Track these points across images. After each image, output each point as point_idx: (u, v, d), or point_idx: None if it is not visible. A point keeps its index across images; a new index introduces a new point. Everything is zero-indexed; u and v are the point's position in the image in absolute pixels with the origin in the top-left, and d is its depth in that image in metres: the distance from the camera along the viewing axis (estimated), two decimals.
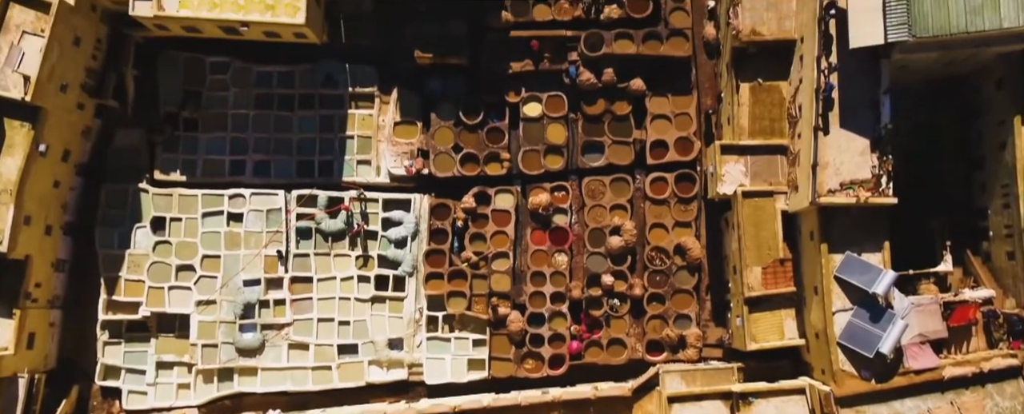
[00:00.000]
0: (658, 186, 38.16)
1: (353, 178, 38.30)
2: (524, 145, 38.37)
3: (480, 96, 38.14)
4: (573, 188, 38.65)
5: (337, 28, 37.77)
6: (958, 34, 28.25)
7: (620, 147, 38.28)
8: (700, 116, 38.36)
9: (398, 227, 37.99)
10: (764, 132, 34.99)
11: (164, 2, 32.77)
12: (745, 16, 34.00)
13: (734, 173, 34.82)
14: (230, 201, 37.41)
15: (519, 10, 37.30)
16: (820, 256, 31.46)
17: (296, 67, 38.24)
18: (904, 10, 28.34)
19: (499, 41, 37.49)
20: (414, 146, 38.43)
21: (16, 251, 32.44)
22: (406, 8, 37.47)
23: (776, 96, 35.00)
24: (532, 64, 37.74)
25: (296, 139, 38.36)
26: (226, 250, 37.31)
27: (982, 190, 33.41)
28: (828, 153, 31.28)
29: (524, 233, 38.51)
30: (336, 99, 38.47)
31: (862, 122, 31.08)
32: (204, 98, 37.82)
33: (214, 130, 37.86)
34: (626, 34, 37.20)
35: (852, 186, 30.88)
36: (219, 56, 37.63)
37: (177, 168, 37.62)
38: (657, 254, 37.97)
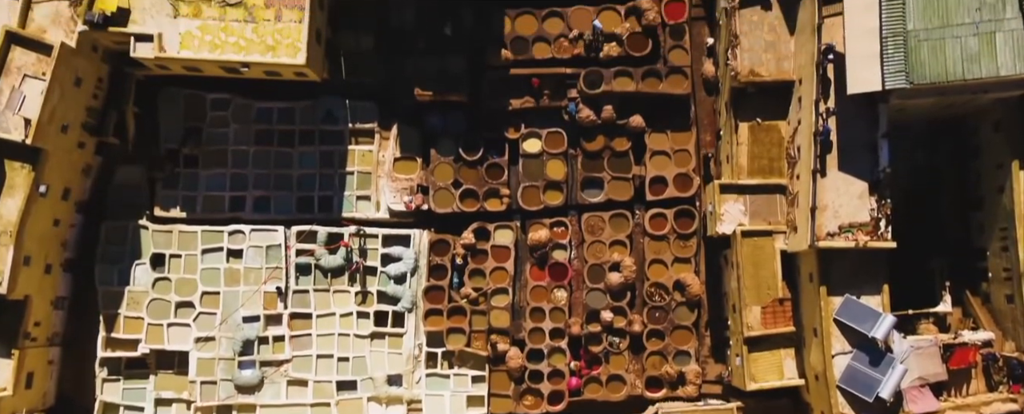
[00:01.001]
0: (657, 222, 38.21)
1: (353, 214, 38.36)
2: (524, 181, 38.46)
3: (480, 132, 38.24)
4: (572, 224, 38.71)
5: (337, 65, 37.95)
6: (955, 81, 28.39)
7: (619, 183, 38.36)
8: (699, 153, 38.46)
9: (397, 263, 38.01)
10: (763, 171, 35.09)
11: (165, 43, 32.91)
12: (743, 57, 34.16)
13: (733, 212, 34.89)
14: (230, 237, 37.44)
15: (519, 48, 37.48)
16: (819, 298, 31.48)
17: (296, 103, 38.37)
18: (901, 57, 28.49)
19: (499, 78, 37.65)
20: (414, 182, 38.51)
21: (16, 292, 32.45)
22: (406, 45, 37.67)
23: (775, 135, 35.12)
24: (532, 101, 37.88)
25: (296, 175, 38.44)
26: (225, 286, 37.30)
27: (981, 231, 33.47)
28: (826, 196, 31.37)
29: (523, 269, 38.53)
30: (336, 135, 38.58)
31: (860, 165, 31.18)
32: (205, 134, 37.92)
33: (214, 166, 37.95)
34: (625, 72, 37.35)
35: (851, 229, 30.94)
36: (220, 93, 37.76)
37: (177, 204, 37.68)
38: (656, 290, 37.97)
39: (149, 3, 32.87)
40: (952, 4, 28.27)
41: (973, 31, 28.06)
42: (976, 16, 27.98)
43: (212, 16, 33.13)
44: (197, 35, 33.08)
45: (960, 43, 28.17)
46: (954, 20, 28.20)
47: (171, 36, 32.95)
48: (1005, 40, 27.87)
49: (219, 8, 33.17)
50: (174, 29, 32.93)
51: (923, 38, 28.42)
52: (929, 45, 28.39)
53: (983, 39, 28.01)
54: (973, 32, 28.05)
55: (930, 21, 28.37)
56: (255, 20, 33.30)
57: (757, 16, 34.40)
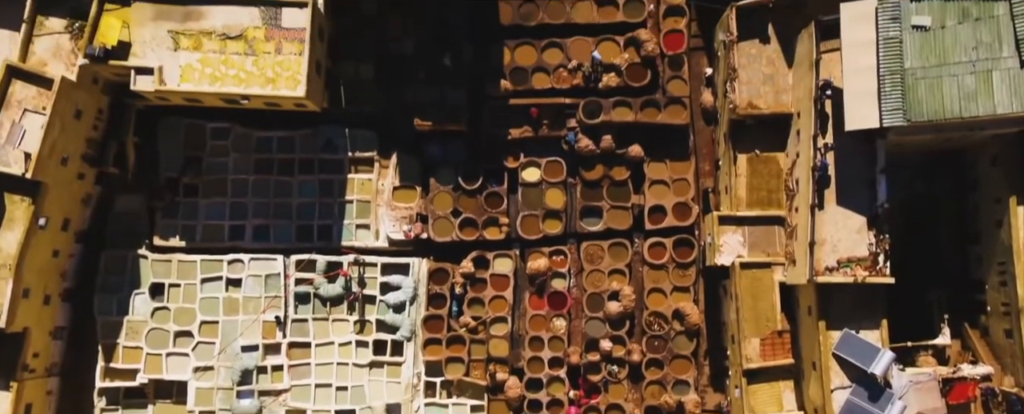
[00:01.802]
0: (656, 251, 38.24)
1: (352, 242, 38.40)
2: (523, 210, 38.51)
3: (479, 161, 38.32)
4: (571, 252, 38.74)
5: (337, 94, 38.07)
6: (953, 119, 28.49)
7: (618, 212, 38.41)
8: (698, 182, 38.54)
9: (396, 292, 38.01)
10: (762, 203, 35.14)
11: (166, 76, 33.01)
12: (742, 90, 34.29)
13: (732, 244, 34.93)
14: (229, 266, 37.45)
15: (518, 78, 37.63)
16: (818, 333, 31.49)
17: (296, 132, 38.43)
18: (899, 95, 28.60)
19: (498, 108, 37.78)
20: (413, 211, 38.56)
21: (14, 325, 32.43)
22: (406, 74, 37.81)
23: (773, 167, 35.20)
24: (531, 131, 37.98)
25: (295, 204, 38.46)
26: (224, 316, 37.30)
27: (979, 263, 33.50)
28: (825, 230, 31.44)
29: (522, 297, 38.56)
30: (336, 164, 38.66)
31: (859, 200, 31.26)
32: (204, 163, 37.99)
33: (214, 195, 37.99)
34: (624, 102, 37.48)
35: (849, 264, 30.99)
36: (220, 122, 37.85)
37: (177, 234, 37.70)
38: (655, 319, 37.97)
39: (150, 36, 32.99)
40: (949, 43, 28.40)
41: (970, 70, 28.18)
42: (973, 55, 28.12)
43: (213, 49, 33.26)
44: (197, 68, 33.19)
45: (957, 81, 28.28)
46: (951, 59, 28.32)
47: (171, 69, 33.06)
48: (1002, 79, 27.97)
49: (220, 41, 33.29)
50: (174, 62, 33.04)
51: (920, 76, 28.53)
52: (926, 83, 28.50)
53: (980, 77, 28.12)
54: (970, 71, 28.17)
55: (927, 60, 28.49)
56: (255, 53, 33.41)
57: (755, 49, 34.55)
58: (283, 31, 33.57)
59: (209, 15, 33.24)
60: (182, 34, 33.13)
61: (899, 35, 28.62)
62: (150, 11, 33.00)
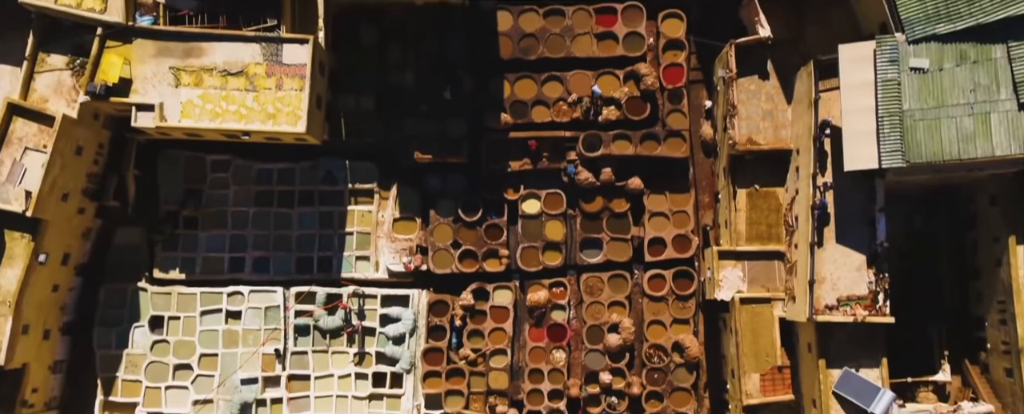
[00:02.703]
0: (656, 283, 38.25)
1: (352, 274, 38.40)
2: (523, 242, 38.53)
3: (479, 193, 38.40)
4: (571, 284, 38.74)
5: (338, 126, 38.17)
6: (951, 161, 28.57)
7: (618, 244, 38.45)
8: (697, 214, 38.59)
9: (396, 324, 37.99)
10: (761, 238, 35.21)
11: (166, 112, 33.07)
12: (741, 125, 34.40)
13: (732, 278, 34.96)
14: (228, 299, 37.45)
15: (518, 111, 37.74)
16: (818, 370, 31.48)
17: (297, 164, 38.51)
18: (898, 137, 28.71)
19: (498, 141, 37.87)
20: (413, 242, 38.59)
21: (14, 362, 32.37)
22: (406, 106, 37.93)
23: (773, 202, 35.28)
24: (531, 163, 38.06)
25: (295, 235, 38.50)
26: (224, 348, 37.26)
27: (978, 300, 33.52)
28: (824, 268, 31.48)
29: (522, 329, 38.55)
30: (336, 195, 38.71)
31: (858, 238, 31.33)
32: (204, 196, 38.03)
33: (214, 228, 38.03)
34: (624, 135, 37.59)
35: (849, 303, 31.01)
36: (220, 154, 37.93)
37: (176, 266, 37.71)
38: (655, 351, 37.94)
39: (151, 73, 33.08)
40: (947, 85, 28.53)
41: (968, 111, 28.30)
42: (971, 97, 28.25)
43: (213, 85, 33.34)
44: (198, 104, 33.27)
45: (955, 123, 28.39)
46: (949, 101, 28.44)
47: (172, 105, 33.13)
48: (1000, 120, 28.09)
49: (221, 77, 33.38)
50: (176, 98, 33.11)
51: (919, 118, 28.65)
52: (925, 125, 28.61)
53: (978, 119, 28.24)
54: (968, 112, 28.29)
55: (925, 101, 28.62)
56: (256, 89, 33.49)
57: (755, 85, 34.70)
58: (284, 67, 33.66)
59: (210, 52, 33.33)
60: (183, 70, 33.21)
61: (897, 77, 28.75)
62: (152, 48, 33.09)
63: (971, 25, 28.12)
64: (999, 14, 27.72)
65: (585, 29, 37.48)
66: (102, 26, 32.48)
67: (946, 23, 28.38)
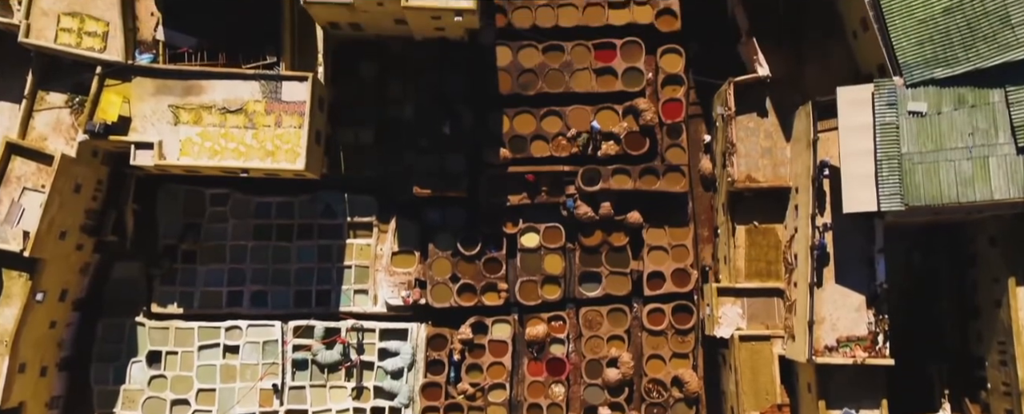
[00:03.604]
0: (655, 317, 38.16)
1: (350, 308, 38.31)
2: (521, 275, 38.45)
3: (478, 227, 38.35)
4: (570, 318, 38.64)
5: (337, 159, 38.20)
6: (950, 204, 28.56)
7: (617, 278, 38.38)
8: (697, 248, 38.54)
9: (395, 358, 37.87)
10: (760, 274, 35.15)
11: (165, 150, 33.08)
12: (740, 163, 34.39)
13: (731, 315, 34.89)
14: (226, 333, 37.37)
15: (517, 146, 37.76)
16: (818, 411, 31.32)
17: (295, 198, 38.49)
18: (896, 180, 28.69)
19: (497, 175, 37.86)
20: (412, 276, 38.52)
21: (10, 401, 32.22)
22: (405, 140, 37.97)
23: (772, 238, 35.24)
24: (529, 197, 38.05)
25: (294, 269, 38.44)
26: (221, 383, 37.14)
27: (979, 339, 33.43)
28: (824, 308, 31.41)
29: (521, 364, 38.43)
30: (334, 229, 38.68)
31: (857, 278, 31.26)
32: (203, 230, 38.03)
33: (212, 262, 37.97)
34: (623, 170, 37.59)
35: (849, 344, 30.92)
36: (219, 188, 37.91)
37: (174, 301, 37.64)
38: (654, 386, 37.79)
39: (150, 111, 33.11)
40: (945, 129, 28.55)
41: (967, 155, 28.31)
42: (969, 141, 28.27)
43: (212, 123, 33.37)
44: (197, 142, 33.28)
45: (954, 167, 28.39)
46: (947, 144, 28.46)
47: (171, 143, 33.14)
48: (998, 164, 28.10)
49: (220, 115, 33.41)
50: (175, 136, 33.14)
51: (917, 161, 28.65)
52: (924, 168, 28.60)
53: (977, 163, 28.24)
54: (967, 156, 28.30)
55: (924, 145, 28.62)
56: (255, 126, 33.52)
57: (753, 123, 34.74)
58: (283, 104, 33.72)
59: (209, 89, 33.39)
60: (182, 108, 33.25)
61: (896, 121, 28.78)
62: (151, 86, 33.16)
63: (969, 70, 28.17)
64: (997, 59, 27.78)
65: (584, 64, 37.56)
66: (101, 65, 32.57)
67: (944, 68, 28.45)
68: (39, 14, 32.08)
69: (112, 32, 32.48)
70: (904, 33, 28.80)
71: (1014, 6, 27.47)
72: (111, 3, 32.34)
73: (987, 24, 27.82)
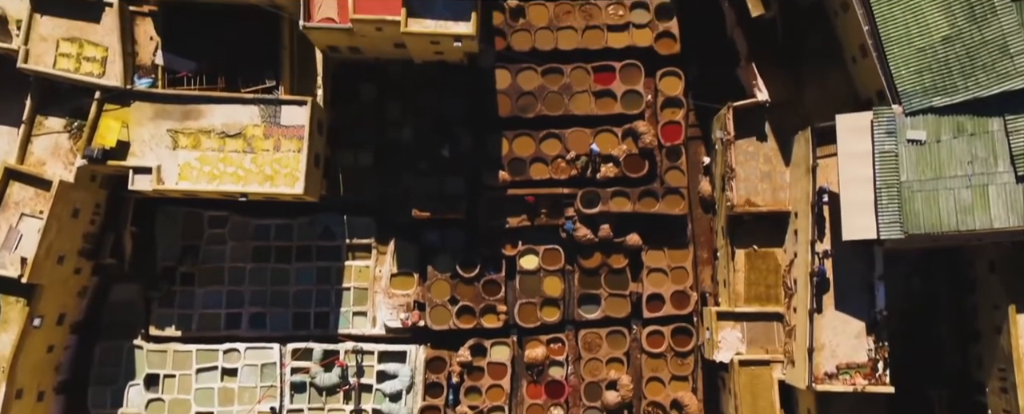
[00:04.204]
0: (654, 339, 38.08)
1: (349, 330, 38.22)
2: (521, 297, 38.36)
3: (477, 249, 38.29)
4: (569, 340, 38.55)
5: (336, 181, 38.17)
6: (949, 232, 28.49)
7: (616, 300, 38.30)
8: (696, 269, 38.46)
9: (393, 381, 37.74)
10: (760, 298, 35.04)
11: (164, 175, 33.01)
12: (739, 187, 34.34)
13: (730, 340, 34.78)
14: (225, 356, 37.24)
15: (516, 169, 37.73)
16: None
17: (294, 220, 38.42)
18: (896, 208, 28.61)
19: (496, 198, 37.81)
20: (410, 298, 38.43)
21: None
22: (404, 162, 37.93)
23: (771, 262, 35.15)
24: (529, 219, 38.00)
25: (292, 291, 38.35)
26: (219, 406, 37.01)
27: (979, 364, 33.32)
28: (824, 335, 31.31)
29: (520, 386, 38.31)
30: (333, 250, 38.60)
31: (857, 305, 31.17)
32: (202, 252, 37.94)
33: (210, 284, 37.89)
34: (622, 192, 37.57)
35: (849, 371, 30.81)
36: (218, 211, 37.84)
37: (173, 323, 37.53)
38: (654, 409, 37.66)
39: (149, 135, 33.06)
40: (944, 157, 28.49)
41: (966, 183, 28.24)
42: (969, 169, 28.19)
43: (211, 147, 33.31)
44: (196, 166, 33.22)
45: (953, 195, 28.31)
46: (947, 172, 28.38)
47: (170, 167, 33.08)
48: (998, 193, 28.02)
49: (218, 139, 33.36)
50: (173, 161, 33.08)
51: (917, 189, 28.57)
52: (923, 196, 28.53)
53: (976, 191, 28.16)
54: (966, 184, 28.22)
55: (923, 173, 28.55)
56: (254, 151, 33.47)
57: (753, 147, 34.70)
58: (282, 128, 33.68)
59: (208, 114, 33.35)
60: (181, 133, 33.20)
61: (895, 149, 28.72)
62: (150, 111, 33.12)
63: (968, 99, 28.15)
64: (995, 89, 27.75)
65: (583, 87, 37.58)
66: (100, 90, 32.54)
67: (943, 96, 28.41)
68: (38, 39, 32.08)
69: (111, 57, 32.48)
70: (903, 61, 28.81)
71: (1012, 36, 27.44)
72: (110, 28, 32.36)
73: (986, 53, 27.80)
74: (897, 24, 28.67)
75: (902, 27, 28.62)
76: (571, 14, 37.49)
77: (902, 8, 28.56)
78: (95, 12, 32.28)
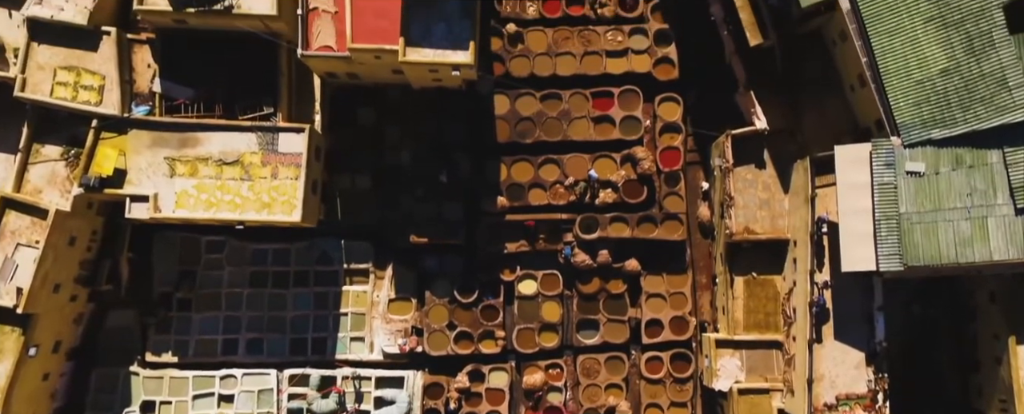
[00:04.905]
0: (653, 365, 37.93)
1: (346, 356, 38.03)
2: (519, 323, 38.18)
3: (475, 274, 38.15)
4: (568, 366, 38.37)
5: (333, 206, 38.06)
6: (949, 264, 28.41)
7: (615, 325, 38.15)
8: (695, 295, 38.34)
9: (390, 407, 37.50)
10: (759, 326, 34.89)
11: (161, 203, 32.87)
12: (738, 214, 34.25)
13: (730, 368, 34.63)
14: (221, 382, 37.04)
15: (514, 194, 37.63)
16: None
17: (292, 245, 38.28)
18: (895, 240, 28.56)
19: (494, 223, 37.71)
20: (408, 323, 38.27)
21: None
22: (402, 186, 37.84)
23: (771, 290, 35.03)
24: (528, 244, 37.88)
25: (290, 316, 38.18)
26: None
27: (979, 393, 33.19)
28: (823, 365, 31.20)
29: (518, 412, 38.10)
30: (331, 275, 38.46)
31: (857, 335, 31.09)
32: (199, 277, 37.77)
33: (207, 309, 37.72)
34: (621, 218, 37.47)
35: (848, 402, 30.68)
36: (215, 235, 37.69)
37: (169, 349, 37.33)
38: None
39: (146, 163, 32.94)
40: (943, 189, 28.44)
41: (965, 215, 28.19)
42: (968, 201, 28.15)
43: (208, 175, 33.18)
44: (193, 194, 33.09)
45: (953, 227, 28.26)
46: (946, 204, 28.33)
47: (167, 195, 32.95)
48: (997, 225, 27.97)
49: (216, 167, 33.25)
50: (170, 188, 32.95)
51: (916, 221, 28.52)
52: (922, 228, 28.48)
53: (975, 223, 28.11)
54: (965, 217, 28.18)
55: (922, 205, 28.50)
56: (251, 178, 33.35)
57: (751, 174, 34.63)
58: (280, 156, 33.57)
59: (206, 141, 33.24)
60: (178, 160, 33.09)
61: (894, 180, 28.68)
62: (147, 138, 33.02)
63: (967, 131, 28.11)
64: (994, 121, 27.74)
65: (582, 113, 37.54)
66: (97, 118, 32.45)
67: (941, 128, 28.39)
68: (35, 68, 32.02)
69: (108, 85, 32.41)
70: (901, 93, 28.79)
71: (1011, 69, 27.45)
72: (107, 57, 32.30)
73: (984, 86, 27.80)
74: (895, 56, 28.67)
75: (900, 59, 28.62)
76: (570, 40, 37.49)
77: (900, 40, 28.56)
78: (93, 41, 32.22)
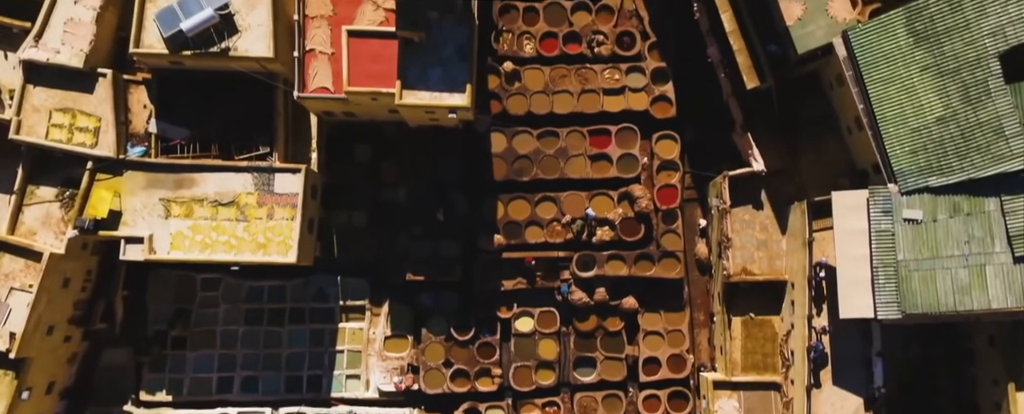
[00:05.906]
0: (651, 403, 37.68)
1: (342, 394, 37.78)
2: (516, 360, 37.96)
3: (472, 311, 37.96)
4: (565, 403, 38.12)
5: (330, 243, 37.92)
6: (947, 312, 28.27)
7: (612, 363, 37.94)
8: (693, 333, 38.16)
9: None
10: (757, 367, 34.69)
11: (156, 244, 32.72)
12: (736, 255, 34.12)
13: (727, 409, 34.40)
14: None
15: (512, 232, 37.51)
16: None
17: (287, 282, 38.11)
18: (893, 288, 28.43)
19: (491, 261, 37.56)
20: (404, 361, 38.05)
21: None
22: (399, 224, 37.73)
23: (768, 331, 34.86)
24: (525, 282, 37.73)
25: (285, 354, 37.97)
26: None
27: None
28: (821, 410, 31.04)
29: None
30: (327, 312, 38.26)
31: (855, 380, 30.91)
32: (194, 315, 37.57)
33: (202, 347, 37.50)
34: (618, 256, 37.35)
35: None
36: (210, 273, 37.51)
37: (164, 388, 37.09)
38: None
39: (141, 205, 32.82)
40: (941, 236, 28.34)
41: (963, 263, 28.07)
42: (966, 249, 28.03)
43: (204, 215, 33.05)
44: (188, 235, 32.94)
45: (950, 274, 28.14)
46: (944, 252, 28.22)
47: (162, 236, 32.79)
48: (995, 273, 27.84)
49: (211, 208, 33.12)
50: (165, 230, 32.80)
51: (914, 269, 28.40)
52: (920, 276, 28.35)
53: (973, 271, 27.99)
54: (963, 264, 28.05)
55: (920, 252, 28.40)
56: (247, 219, 33.22)
57: (749, 215, 34.53)
58: (276, 196, 33.46)
59: (201, 182, 33.15)
60: (174, 201, 32.97)
61: (891, 228, 28.58)
62: (142, 180, 32.91)
63: (964, 179, 28.04)
64: (991, 170, 27.65)
65: (579, 151, 37.50)
66: (92, 160, 32.34)
67: (938, 176, 28.31)
68: (30, 110, 31.94)
69: (104, 127, 32.32)
70: (898, 141, 28.73)
71: (1007, 118, 27.39)
72: (103, 99, 32.25)
73: (981, 134, 27.75)
74: (891, 104, 28.65)
75: (896, 107, 28.59)
76: (567, 78, 37.50)
77: (896, 88, 28.54)
78: (89, 83, 32.17)
